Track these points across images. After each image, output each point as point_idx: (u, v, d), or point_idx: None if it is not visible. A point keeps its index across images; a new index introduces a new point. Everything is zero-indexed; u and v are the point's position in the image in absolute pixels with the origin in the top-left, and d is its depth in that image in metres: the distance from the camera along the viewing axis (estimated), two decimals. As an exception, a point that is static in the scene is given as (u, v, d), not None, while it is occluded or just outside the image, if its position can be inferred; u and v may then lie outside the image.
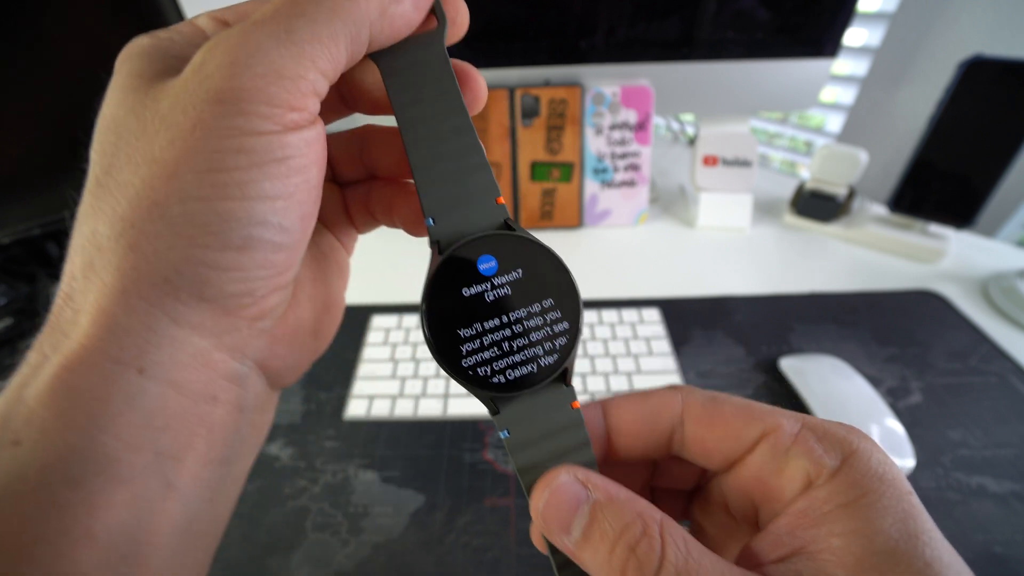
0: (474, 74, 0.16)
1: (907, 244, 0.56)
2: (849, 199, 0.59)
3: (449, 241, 0.15)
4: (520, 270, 0.15)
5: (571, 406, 0.15)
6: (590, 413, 0.16)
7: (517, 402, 0.15)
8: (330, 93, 0.17)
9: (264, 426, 0.16)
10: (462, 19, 0.16)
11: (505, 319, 0.15)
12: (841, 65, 0.80)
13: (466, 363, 0.15)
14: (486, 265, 0.15)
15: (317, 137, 0.14)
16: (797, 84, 0.56)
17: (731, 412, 0.15)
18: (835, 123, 0.86)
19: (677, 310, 0.50)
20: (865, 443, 0.13)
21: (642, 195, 0.61)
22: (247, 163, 0.12)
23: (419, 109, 0.16)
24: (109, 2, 0.43)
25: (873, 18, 0.75)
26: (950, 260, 0.56)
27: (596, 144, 0.58)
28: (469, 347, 0.15)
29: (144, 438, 0.12)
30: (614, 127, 0.58)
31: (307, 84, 0.12)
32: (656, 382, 0.43)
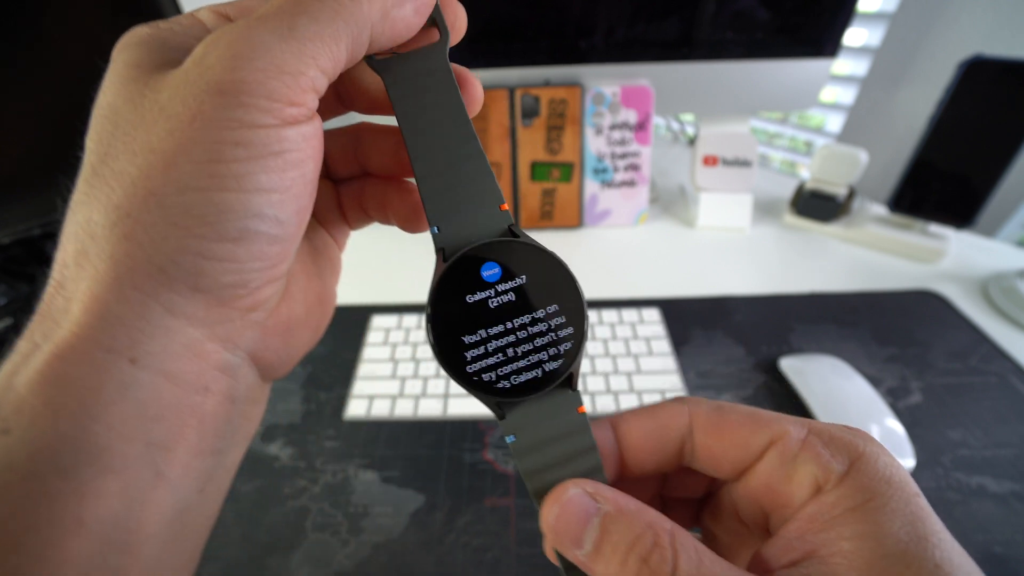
0: (471, 79, 0.17)
1: (907, 244, 0.56)
2: (849, 199, 0.59)
3: (453, 248, 0.15)
4: (524, 276, 0.15)
5: (576, 411, 0.15)
6: (601, 433, 0.16)
7: (523, 407, 0.15)
8: (328, 91, 0.17)
9: (255, 417, 0.16)
10: (461, 24, 0.16)
11: (509, 325, 0.15)
12: (841, 65, 0.80)
13: (471, 369, 0.15)
14: (490, 272, 0.15)
15: (314, 132, 0.14)
16: (797, 84, 0.56)
17: (738, 421, 0.15)
18: (835, 123, 0.86)
19: (677, 310, 0.50)
20: (871, 446, 0.13)
21: (642, 195, 0.61)
22: (245, 155, 0.12)
23: (423, 119, 0.16)
24: (109, 2, 0.43)
25: (873, 18, 0.75)
26: (950, 260, 0.56)
27: (596, 144, 0.58)
28: (474, 353, 0.15)
29: (136, 428, 0.12)
30: (614, 127, 0.58)
31: (307, 80, 0.13)
32: (656, 382, 0.43)
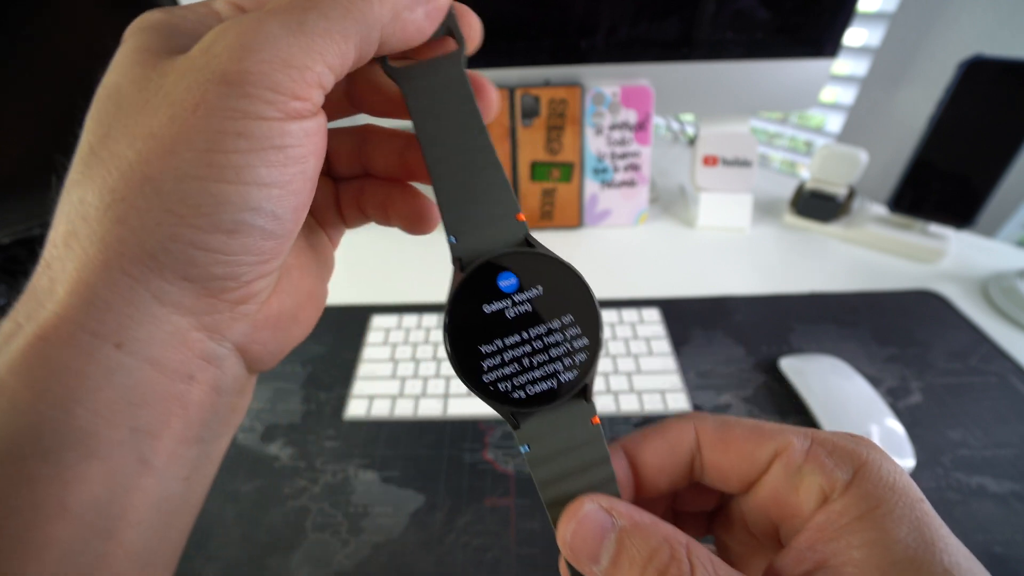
0: (488, 87, 0.17)
1: (907, 244, 0.56)
2: (849, 199, 0.59)
3: (471, 259, 0.15)
4: (540, 287, 0.15)
5: (591, 421, 0.15)
6: (616, 457, 0.16)
7: (537, 417, 0.15)
8: (337, 92, 0.17)
9: (241, 408, 0.16)
10: (476, 34, 0.17)
11: (526, 335, 0.15)
12: (841, 65, 0.80)
13: (487, 379, 0.15)
14: (507, 282, 0.15)
15: (317, 129, 0.14)
16: (797, 84, 0.56)
17: (742, 434, 0.15)
18: (835, 123, 0.86)
19: (677, 310, 0.50)
20: (874, 453, 0.13)
21: (642, 195, 0.61)
22: (246, 147, 0.12)
23: (441, 130, 0.16)
24: (109, 1, 0.43)
25: (873, 18, 0.75)
26: (950, 260, 0.56)
27: (596, 144, 0.58)
28: (490, 363, 0.15)
29: (120, 414, 0.12)
30: (614, 127, 0.58)
31: (313, 75, 0.13)
32: (656, 382, 0.43)
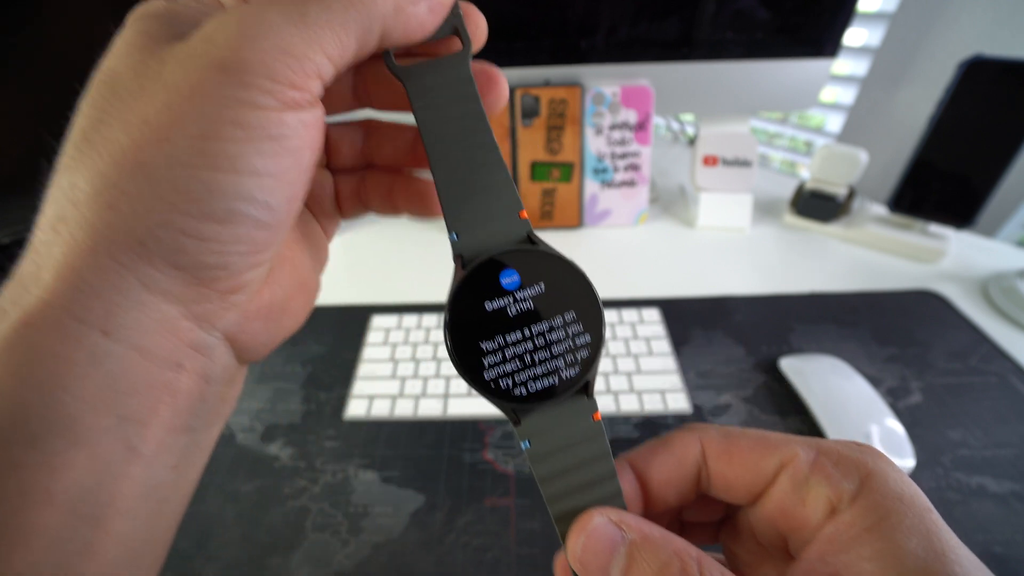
0: (499, 78, 0.17)
1: (907, 244, 0.56)
2: (849, 199, 0.59)
3: (472, 256, 0.15)
4: (542, 284, 0.15)
5: (592, 418, 0.15)
6: (623, 473, 0.16)
7: (538, 414, 0.15)
8: (343, 85, 0.17)
9: (231, 398, 0.16)
10: (482, 34, 0.17)
11: (527, 332, 0.15)
12: (841, 65, 0.80)
13: (488, 376, 0.15)
14: (509, 279, 0.15)
15: (315, 121, 0.14)
16: (797, 84, 0.56)
17: (747, 445, 0.15)
18: (835, 123, 0.86)
19: (677, 310, 0.50)
20: (880, 463, 0.13)
21: (642, 195, 0.61)
22: (242, 136, 0.12)
23: (444, 128, 0.16)
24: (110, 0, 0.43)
25: (873, 18, 0.75)
26: (950, 260, 0.56)
27: (596, 144, 0.58)
28: (491, 360, 0.15)
29: (107, 401, 0.12)
30: (614, 127, 0.58)
31: (312, 65, 0.13)
32: (656, 382, 0.43)
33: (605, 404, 0.42)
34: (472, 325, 0.15)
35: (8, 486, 0.11)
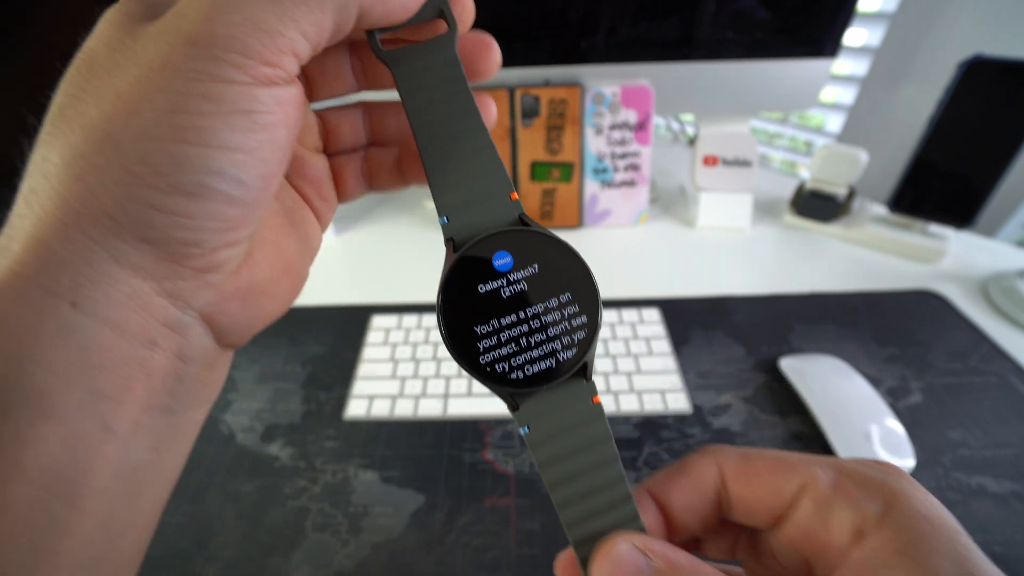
0: (490, 41, 0.17)
1: (907, 244, 0.56)
2: (849, 199, 0.59)
3: (464, 239, 0.15)
4: (536, 265, 0.15)
5: (591, 401, 0.15)
6: (643, 503, 0.16)
7: (536, 398, 0.15)
8: (341, 68, 0.18)
9: (214, 384, 0.16)
10: (468, 16, 0.16)
11: (522, 315, 0.15)
12: (841, 65, 0.80)
13: (484, 360, 0.15)
14: (501, 261, 0.15)
15: (290, 98, 0.13)
16: (797, 84, 0.56)
17: (766, 467, 0.15)
18: (835, 123, 0.86)
19: (677, 310, 0.50)
20: (904, 483, 0.13)
21: (642, 195, 0.61)
22: (211, 110, 0.12)
23: (432, 111, 0.16)
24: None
25: (873, 18, 0.75)
26: (950, 260, 0.56)
27: (596, 144, 0.58)
28: (486, 344, 0.15)
29: (78, 374, 0.12)
30: (614, 127, 0.58)
31: (285, 42, 0.12)
32: (656, 382, 0.43)
33: (605, 404, 0.42)
34: (466, 309, 0.15)
35: None
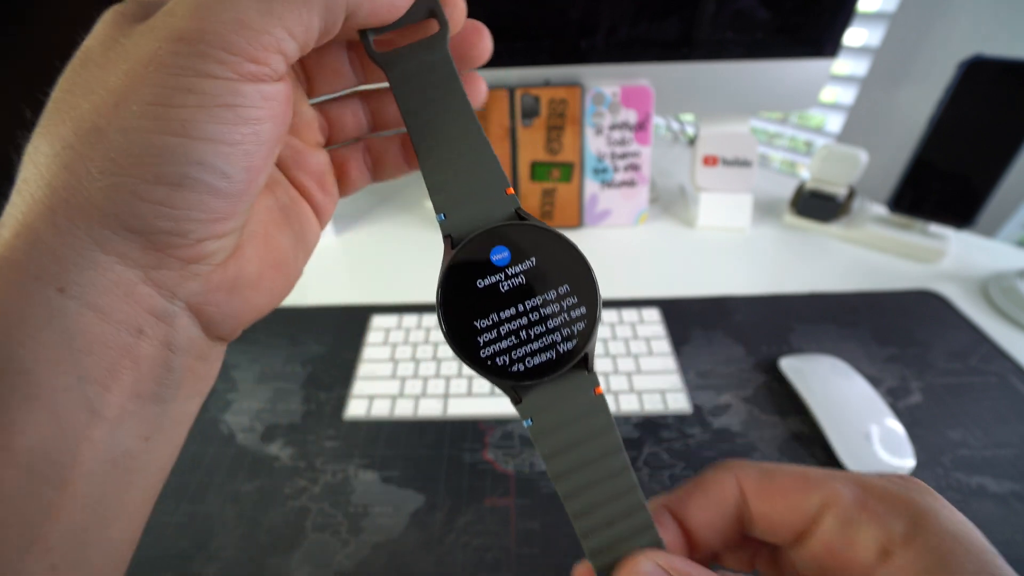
0: (480, 28, 0.17)
1: (907, 244, 0.56)
2: (849, 199, 0.59)
3: (461, 235, 0.15)
4: (533, 258, 0.15)
5: (593, 391, 0.15)
6: (663, 521, 0.16)
7: (539, 390, 0.15)
8: (340, 64, 0.18)
9: (206, 375, 0.16)
10: (459, 16, 0.17)
11: (521, 308, 0.15)
12: (841, 65, 0.80)
13: (484, 354, 0.15)
14: (499, 256, 0.15)
15: (277, 94, 0.14)
16: (797, 84, 0.56)
17: (787, 483, 0.15)
18: (835, 123, 0.86)
19: (677, 310, 0.50)
20: (929, 499, 0.13)
21: (642, 195, 0.61)
22: (195, 103, 0.12)
23: (427, 112, 0.16)
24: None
25: (873, 18, 0.75)
26: (950, 260, 0.56)
27: (596, 144, 0.58)
28: (487, 337, 0.15)
29: (64, 358, 0.12)
30: (614, 127, 0.58)
31: (271, 40, 0.13)
32: (656, 382, 0.43)
33: (605, 404, 0.42)
34: (465, 304, 0.15)
35: None
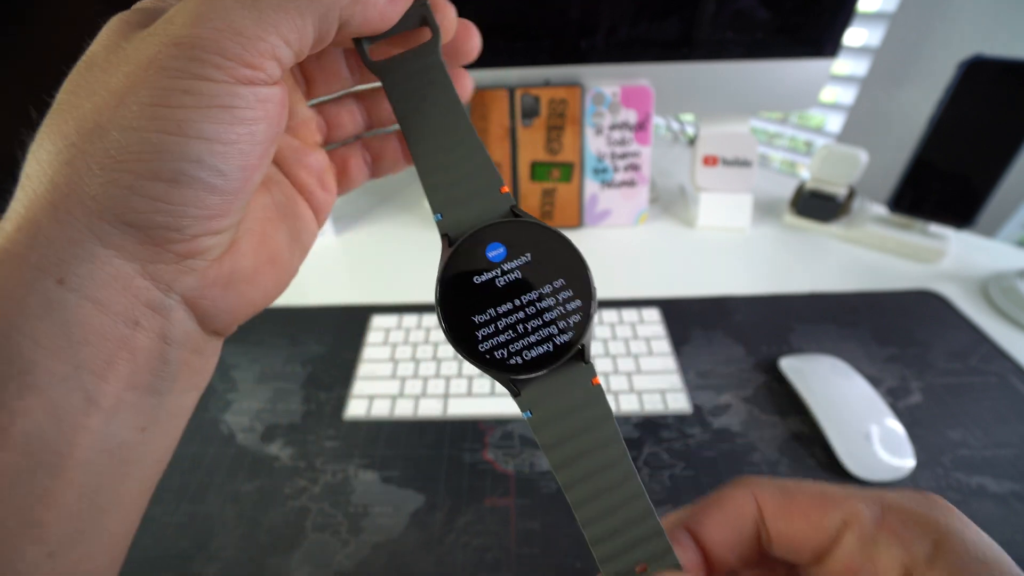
0: (468, 24, 0.18)
1: (907, 244, 0.56)
2: (849, 199, 0.59)
3: (458, 233, 0.16)
4: (528, 254, 0.15)
5: (591, 382, 0.15)
6: (680, 540, 0.16)
7: (537, 383, 0.15)
8: (338, 67, 0.19)
9: (203, 369, 0.16)
10: (450, 23, 0.17)
11: (518, 302, 0.15)
12: (841, 65, 0.80)
13: (483, 348, 0.15)
14: (495, 252, 0.15)
15: (272, 96, 0.14)
16: (797, 84, 0.56)
17: (807, 502, 0.15)
18: (835, 123, 0.86)
19: (677, 310, 0.50)
20: (954, 520, 0.13)
21: (642, 195, 0.61)
22: (191, 103, 0.13)
23: (421, 116, 0.17)
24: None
25: (873, 18, 0.75)
26: (950, 260, 0.56)
27: (596, 144, 0.58)
28: (484, 332, 0.15)
29: (62, 347, 0.12)
30: (614, 127, 0.58)
31: (265, 46, 0.13)
32: (656, 382, 0.43)
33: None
34: (463, 300, 0.15)
35: None
